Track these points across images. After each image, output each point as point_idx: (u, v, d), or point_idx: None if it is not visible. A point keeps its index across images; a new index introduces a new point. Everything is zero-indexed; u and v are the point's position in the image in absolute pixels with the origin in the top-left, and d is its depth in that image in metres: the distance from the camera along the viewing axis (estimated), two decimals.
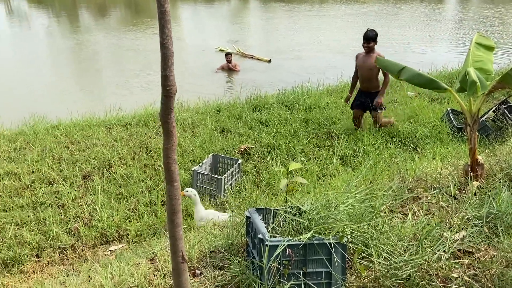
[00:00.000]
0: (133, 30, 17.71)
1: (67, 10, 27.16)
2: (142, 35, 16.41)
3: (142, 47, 14.02)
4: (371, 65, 5.47)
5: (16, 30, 20.21)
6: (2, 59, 13.37)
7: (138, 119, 6.52)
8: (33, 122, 6.49)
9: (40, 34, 18.74)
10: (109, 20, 22.59)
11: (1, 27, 21.62)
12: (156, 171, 5.05)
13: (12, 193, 4.48)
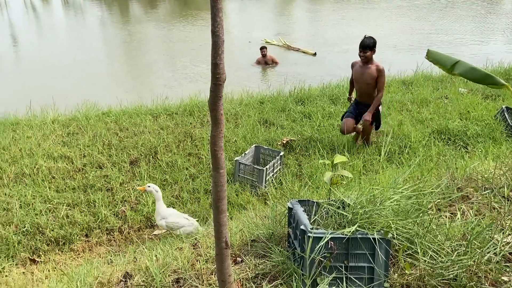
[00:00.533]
0: (182, 21, 18.06)
1: (118, 1, 28.15)
2: (190, 27, 16.70)
3: (190, 39, 14.27)
4: (369, 79, 4.91)
5: (71, 21, 21.23)
6: (58, 48, 14.11)
7: (184, 109, 6.67)
8: (85, 109, 6.81)
9: (93, 24, 19.55)
10: (158, 12, 23.15)
11: (57, 18, 22.79)
12: (199, 159, 5.15)
13: (65, 175, 4.73)
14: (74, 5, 26.97)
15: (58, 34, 17.61)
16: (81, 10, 24.98)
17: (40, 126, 6.06)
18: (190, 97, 7.23)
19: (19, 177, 4.64)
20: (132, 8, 25.54)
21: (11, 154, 5.11)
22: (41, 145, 5.38)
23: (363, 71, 4.98)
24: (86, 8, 25.48)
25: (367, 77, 4.93)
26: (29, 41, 16.35)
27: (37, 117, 6.49)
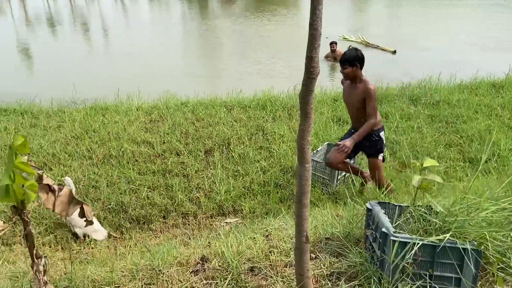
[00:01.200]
0: (258, 17, 18.29)
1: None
2: (266, 22, 16.85)
3: (266, 35, 14.42)
4: (355, 101, 3.84)
5: (155, 15, 22.43)
6: (142, 40, 15.00)
7: (257, 103, 6.77)
8: (166, 98, 7.17)
9: (175, 19, 20.50)
10: (236, 7, 23.63)
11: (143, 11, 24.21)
12: (270, 153, 5.20)
13: (147, 159, 5.03)
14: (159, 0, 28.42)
15: (143, 26, 18.70)
16: (165, 4, 26.26)
17: (126, 112, 6.50)
18: (263, 92, 7.31)
19: (107, 158, 5.02)
20: (211, 3, 26.36)
21: (100, 137, 5.54)
22: (127, 130, 5.77)
23: (351, 92, 3.90)
24: (169, 2, 26.74)
25: (354, 100, 3.85)
26: (117, 33, 17.58)
27: (123, 104, 6.96)
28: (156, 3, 27.12)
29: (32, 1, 31.32)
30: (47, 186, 1.71)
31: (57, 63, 11.78)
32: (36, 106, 6.83)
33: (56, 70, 10.87)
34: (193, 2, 26.09)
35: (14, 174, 1.49)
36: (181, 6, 25.16)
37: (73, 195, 1.86)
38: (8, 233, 3.64)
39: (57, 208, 1.81)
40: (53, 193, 1.80)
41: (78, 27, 19.76)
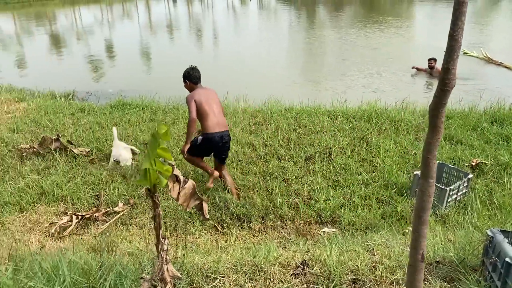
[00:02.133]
0: (367, 27, 17.86)
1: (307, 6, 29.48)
2: (376, 33, 16.38)
3: (375, 46, 14.01)
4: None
5: (263, 22, 23.19)
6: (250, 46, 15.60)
7: (362, 114, 6.61)
8: (270, 103, 7.37)
9: (282, 26, 20.95)
10: (344, 17, 23.35)
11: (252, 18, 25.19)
12: (373, 167, 5.03)
13: (249, 161, 5.23)
14: (268, 8, 29.35)
15: (251, 33, 19.46)
16: (274, 13, 27.02)
17: (232, 114, 6.83)
18: (369, 103, 7.11)
19: None
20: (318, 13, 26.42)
21: None
22: (232, 131, 6.05)
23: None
24: (278, 11, 27.45)
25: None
26: (228, 38, 18.56)
27: (230, 106, 7.32)
28: (265, 11, 28.01)
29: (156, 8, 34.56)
30: (175, 176, 1.89)
31: (173, 64, 12.84)
32: (155, 103, 7.52)
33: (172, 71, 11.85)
34: (301, 11, 26.41)
35: (155, 160, 1.67)
36: (288, 14, 25.65)
37: (195, 190, 2.02)
38: (126, 215, 4.06)
39: (181, 198, 1.99)
40: (179, 184, 1.98)
41: (193, 32, 21.30)
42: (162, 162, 1.73)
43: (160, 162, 1.71)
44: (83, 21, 28.76)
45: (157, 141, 1.64)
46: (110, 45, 17.99)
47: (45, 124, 6.21)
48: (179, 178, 1.95)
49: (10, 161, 5.02)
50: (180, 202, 1.97)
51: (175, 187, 1.96)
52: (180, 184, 1.97)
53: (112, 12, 34.68)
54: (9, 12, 31.59)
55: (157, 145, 1.64)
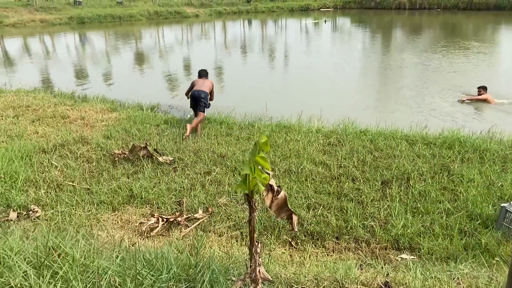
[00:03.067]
0: (446, 52, 17.17)
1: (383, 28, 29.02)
2: (454, 58, 15.70)
3: (457, 70, 13.42)
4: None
5: (338, 45, 23.19)
6: (323, 67, 15.68)
7: (443, 141, 6.36)
8: (344, 125, 7.35)
9: (357, 49, 20.79)
10: (421, 41, 22.64)
11: (325, 40, 25.30)
12: (456, 196, 4.81)
13: (323, 180, 5.25)
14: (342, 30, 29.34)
15: (324, 54, 19.55)
16: (348, 35, 26.95)
17: (306, 133, 6.92)
18: (451, 130, 6.82)
19: (287, 172, 5.43)
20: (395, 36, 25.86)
21: (282, 152, 6.03)
22: (306, 149, 6.13)
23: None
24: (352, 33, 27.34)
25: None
26: (299, 58, 18.81)
27: (304, 126, 7.42)
28: (339, 33, 28.02)
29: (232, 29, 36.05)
30: (270, 185, 2.00)
31: (247, 83, 13.29)
32: (231, 119, 7.84)
33: (246, 88, 12.27)
34: (377, 33, 26.05)
35: (255, 167, 1.81)
36: (363, 36, 25.41)
37: (287, 201, 2.12)
38: (205, 222, 4.28)
39: (273, 207, 2.10)
40: (273, 193, 2.09)
41: (266, 52, 21.88)
42: (260, 170, 1.86)
43: (259, 170, 1.84)
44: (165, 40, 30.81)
45: (257, 149, 1.77)
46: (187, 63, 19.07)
47: (134, 133, 6.74)
48: (273, 188, 2.06)
49: (104, 164, 5.52)
50: (272, 210, 2.08)
51: (269, 195, 2.08)
52: (273, 193, 2.08)
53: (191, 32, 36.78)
54: (102, 30, 34.78)
55: (256, 153, 1.77)
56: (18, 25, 31.12)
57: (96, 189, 4.82)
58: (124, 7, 39.40)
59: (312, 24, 37.49)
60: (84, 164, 5.54)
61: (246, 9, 48.45)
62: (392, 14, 45.61)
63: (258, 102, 9.05)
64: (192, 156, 5.89)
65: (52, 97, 9.19)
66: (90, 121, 7.38)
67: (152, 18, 38.99)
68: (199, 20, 42.74)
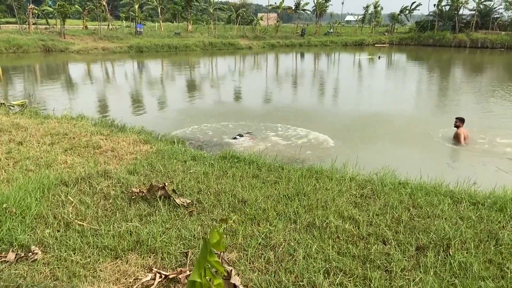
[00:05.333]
0: (505, 95, 15.95)
1: (440, 65, 27.81)
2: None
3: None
4: None
5: (391, 82, 22.45)
6: (372, 105, 15.06)
7: (493, 201, 5.59)
8: (383, 174, 6.76)
9: (411, 88, 19.96)
10: (479, 79, 21.36)
11: (378, 76, 24.62)
12: (502, 272, 4.08)
13: (349, 239, 4.71)
14: (397, 67, 28.50)
15: (375, 91, 18.89)
16: (402, 71, 26.10)
17: (338, 180, 6.41)
18: (505, 188, 6.02)
19: (310, 227, 4.95)
20: (453, 74, 24.64)
21: (309, 202, 5.57)
22: (335, 200, 5.62)
23: None
24: (407, 70, 26.44)
25: None
26: (349, 94, 18.28)
27: (337, 172, 6.91)
28: (394, 69, 27.22)
29: (284, 61, 36.30)
30: (233, 286, 1.62)
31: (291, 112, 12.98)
32: (262, 159, 7.51)
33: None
34: (435, 69, 24.96)
35: (205, 271, 1.44)
36: (418, 73, 24.46)
37: None
38: None
39: None
40: None
41: (316, 85, 21.63)
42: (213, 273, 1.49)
43: (211, 273, 1.47)
44: (218, 70, 31.58)
45: (208, 249, 1.41)
46: (238, 95, 19.19)
47: (159, 169, 6.59)
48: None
49: (120, 202, 5.36)
50: None
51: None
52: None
53: (244, 63, 37.53)
54: (159, 59, 36.49)
55: (207, 254, 1.41)
56: (82, 52, 33.37)
57: (104, 231, 4.62)
58: (181, 38, 41.25)
59: (366, 60, 36.91)
60: (100, 201, 5.41)
61: (299, 42, 48.91)
62: (451, 52, 43.93)
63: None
64: (212, 199, 5.59)
65: (91, 125, 9.40)
66: (120, 153, 7.37)
67: (207, 49, 40.43)
68: (252, 52, 43.65)
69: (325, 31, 56.55)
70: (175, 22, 62.61)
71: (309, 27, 58.84)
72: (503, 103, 16.21)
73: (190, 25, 50.75)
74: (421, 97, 17.22)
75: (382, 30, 60.52)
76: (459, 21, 52.58)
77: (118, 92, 18.85)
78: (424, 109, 14.53)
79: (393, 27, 60.18)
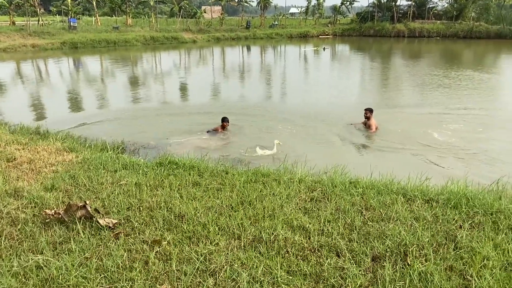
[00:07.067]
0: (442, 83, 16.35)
1: (383, 56, 28.40)
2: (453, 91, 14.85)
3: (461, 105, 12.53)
4: None
5: (334, 72, 22.50)
6: (322, 102, 14.82)
7: (447, 198, 5.32)
8: (333, 172, 6.35)
9: (355, 80, 20.06)
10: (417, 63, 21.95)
11: (326, 66, 24.66)
12: (465, 281, 3.74)
13: (299, 254, 4.19)
14: (341, 57, 28.71)
15: (322, 85, 18.72)
16: (346, 63, 26.31)
17: (287, 184, 5.90)
18: (457, 183, 5.80)
19: (256, 242, 4.37)
20: (393, 62, 25.14)
21: (254, 212, 4.99)
22: (284, 208, 5.10)
23: None
24: (350, 60, 26.66)
25: None
26: (297, 88, 17.97)
27: (285, 173, 6.40)
28: (337, 59, 27.41)
29: (230, 57, 35.57)
30: None
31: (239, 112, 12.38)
32: (204, 163, 6.84)
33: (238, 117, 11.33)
34: (376, 58, 25.38)
35: None
36: (361, 63, 24.75)
37: None
38: None
39: None
40: None
41: (264, 80, 21.17)
42: None
43: None
44: (162, 65, 30.24)
45: None
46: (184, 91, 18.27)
47: (82, 182, 5.73)
48: None
49: (30, 228, 4.49)
50: None
51: None
52: None
53: (189, 57, 36.29)
54: (97, 55, 34.32)
55: None
56: (9, 50, 30.59)
57: (6, 267, 3.76)
58: (120, 32, 39.10)
59: (312, 52, 37.00)
60: (6, 228, 4.50)
61: (244, 35, 48.26)
62: (391, 42, 45.33)
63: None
64: (144, 216, 4.85)
65: (7, 133, 8.23)
66: (38, 165, 6.38)
67: (148, 44, 38.64)
68: (197, 46, 42.41)
69: (270, 23, 56.36)
70: (114, 16, 59.64)
71: (254, 20, 58.34)
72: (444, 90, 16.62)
73: (130, 19, 48.42)
74: (367, 90, 17.32)
75: (325, 22, 61.36)
76: (397, 12, 54.42)
77: (51, 92, 17.27)
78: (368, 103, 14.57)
79: (336, 19, 61.22)
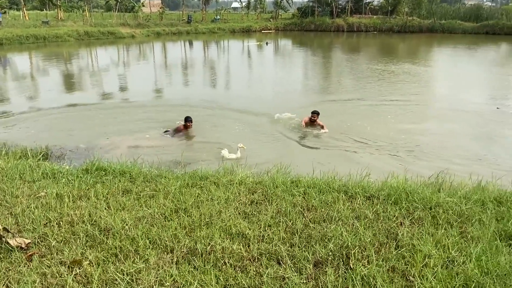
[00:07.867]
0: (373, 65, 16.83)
1: (324, 50, 28.87)
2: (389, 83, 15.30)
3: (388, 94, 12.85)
4: None
5: (279, 65, 22.48)
6: (266, 96, 14.61)
7: (387, 193, 5.27)
8: (274, 172, 6.12)
9: (298, 73, 20.15)
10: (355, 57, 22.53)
11: (271, 59, 24.59)
12: (408, 282, 3.62)
13: (238, 264, 3.88)
14: (284, 52, 28.81)
15: (264, 77, 18.54)
16: (289, 56, 26.39)
17: (226, 186, 5.57)
18: (397, 177, 5.78)
19: (190, 255, 4.00)
20: (335, 55, 25.60)
21: (190, 220, 4.61)
22: (222, 214, 4.76)
23: None
24: (293, 54, 26.79)
25: None
26: (238, 82, 17.64)
27: (227, 173, 6.08)
28: (280, 54, 27.47)
29: (171, 53, 34.54)
30: None
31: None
32: (137, 168, 6.33)
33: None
34: (317, 55, 25.72)
35: None
36: (303, 57, 24.96)
37: None
38: None
39: None
40: None
41: (207, 71, 20.69)
42: None
43: None
44: (98, 62, 28.66)
45: None
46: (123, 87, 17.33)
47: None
48: None
49: None
50: None
51: None
52: None
53: (128, 53, 34.74)
54: (25, 51, 31.83)
55: None
56: None
57: None
58: (50, 27, 36.52)
59: (255, 46, 36.87)
60: None
61: (186, 30, 47.06)
62: (331, 36, 46.41)
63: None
64: (64, 233, 4.30)
65: None
66: None
67: (82, 39, 36.41)
68: (136, 41, 40.74)
69: (212, 18, 55.55)
70: (45, 10, 55.80)
71: (196, 15, 57.19)
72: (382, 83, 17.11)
73: (61, 13, 45.47)
74: (309, 87, 17.44)
75: (267, 17, 61.57)
76: (336, 7, 55.79)
77: None
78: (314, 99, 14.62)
79: (277, 14, 61.63)
